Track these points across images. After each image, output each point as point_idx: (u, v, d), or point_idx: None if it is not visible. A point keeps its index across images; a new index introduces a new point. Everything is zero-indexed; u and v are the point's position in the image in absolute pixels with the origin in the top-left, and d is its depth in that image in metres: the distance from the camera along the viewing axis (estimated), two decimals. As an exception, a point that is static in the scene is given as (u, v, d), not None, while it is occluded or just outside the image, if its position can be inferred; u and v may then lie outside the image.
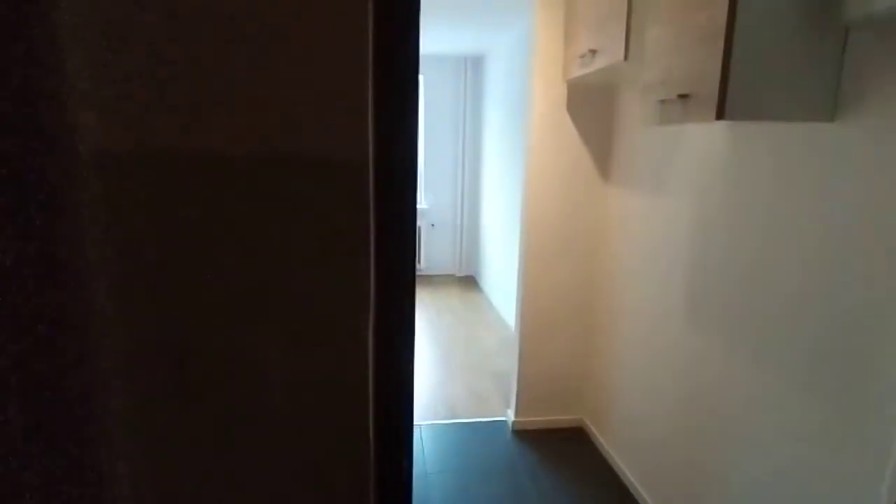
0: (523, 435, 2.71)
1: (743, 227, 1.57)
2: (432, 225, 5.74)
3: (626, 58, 1.74)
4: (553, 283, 2.62)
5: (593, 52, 1.97)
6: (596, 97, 2.45)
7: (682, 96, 1.35)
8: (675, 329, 1.93)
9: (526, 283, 2.61)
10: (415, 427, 2.81)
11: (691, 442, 1.83)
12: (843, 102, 1.25)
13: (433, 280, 5.70)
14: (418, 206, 5.67)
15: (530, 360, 2.70)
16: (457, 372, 3.46)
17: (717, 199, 1.69)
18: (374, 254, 0.48)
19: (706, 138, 1.75)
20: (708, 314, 1.74)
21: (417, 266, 5.68)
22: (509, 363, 3.09)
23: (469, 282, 5.69)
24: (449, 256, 5.87)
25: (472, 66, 5.46)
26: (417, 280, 5.58)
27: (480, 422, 2.84)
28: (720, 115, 1.24)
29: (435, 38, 4.63)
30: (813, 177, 1.34)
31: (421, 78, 5.43)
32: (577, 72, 2.17)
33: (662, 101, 1.45)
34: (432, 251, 5.79)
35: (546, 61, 2.39)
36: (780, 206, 1.43)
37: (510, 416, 2.80)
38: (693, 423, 1.83)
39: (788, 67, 1.23)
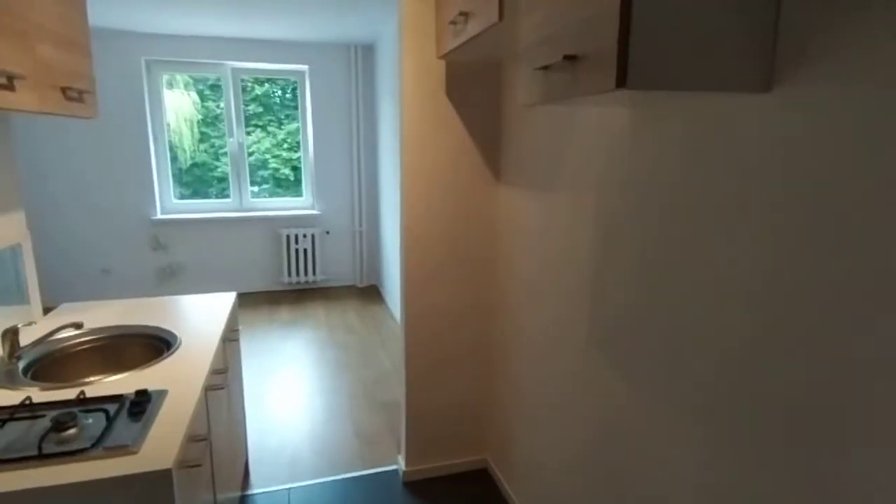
0: (417, 487, 2.26)
1: (653, 230, 1.20)
2: (327, 232, 5.16)
3: (500, 17, 1.32)
4: (441, 302, 2.18)
5: (465, 15, 1.54)
6: (480, 77, 2.03)
7: (570, 58, 0.94)
8: (578, 354, 1.55)
9: (408, 303, 2.15)
10: (283, 491, 2.31)
11: (603, 483, 1.46)
12: (781, 68, 0.89)
13: (330, 292, 5.12)
14: (309, 211, 5.07)
15: (421, 395, 2.24)
16: (344, 405, 2.94)
17: (620, 197, 1.32)
18: None
19: (604, 119, 1.38)
20: (614, 337, 1.37)
21: (311, 277, 5.08)
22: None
23: (371, 293, 5.17)
24: (348, 265, 5.31)
25: (363, 55, 4.94)
26: (311, 293, 5.00)
27: (366, 475, 2.35)
28: (620, 82, 0.83)
29: (319, 24, 4.06)
30: (742, 164, 0.97)
31: (305, 68, 4.83)
32: (451, 43, 1.73)
33: (545, 69, 1.03)
34: (328, 260, 5.21)
35: (418, 34, 1.94)
36: (700, 204, 1.07)
37: (401, 463, 2.33)
38: (604, 461, 1.45)
39: (709, 19, 0.84)
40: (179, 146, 4.86)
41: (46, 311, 1.84)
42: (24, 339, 1.47)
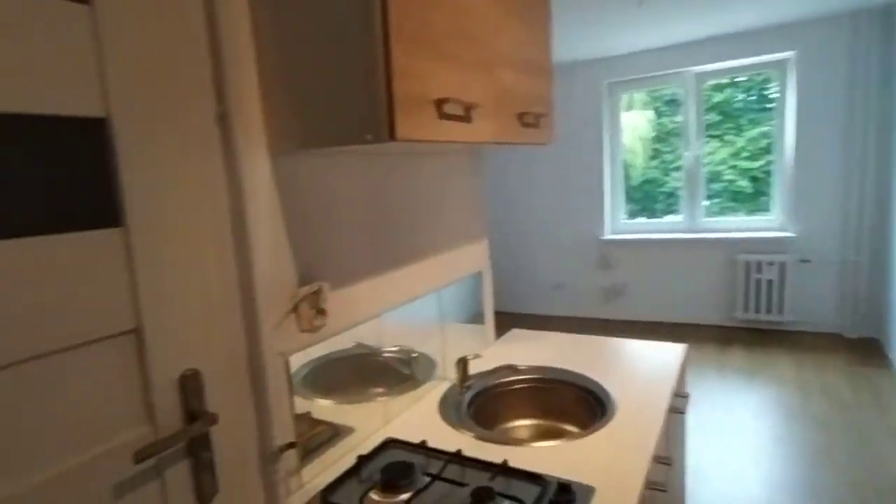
0: None
1: None
2: (804, 260, 4.03)
3: None
4: None
5: None
6: None
7: None
8: None
9: None
10: None
11: None
12: None
13: (801, 339, 3.98)
14: (777, 233, 4.07)
15: None
16: (828, 522, 2.05)
17: None
18: None
19: None
20: None
21: (774, 316, 4.07)
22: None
23: (867, 348, 3.73)
24: (832, 306, 4.01)
25: (878, 23, 3.59)
26: (773, 337, 3.95)
27: None
28: None
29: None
30: None
31: (790, 55, 3.89)
32: None
33: None
34: (802, 297, 4.06)
35: None
36: None
37: None
38: None
39: None
40: (631, 164, 4.77)
41: (506, 318, 1.88)
42: (472, 368, 1.49)
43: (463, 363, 1.45)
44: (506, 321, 1.88)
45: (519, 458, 1.09)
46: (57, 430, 0.69)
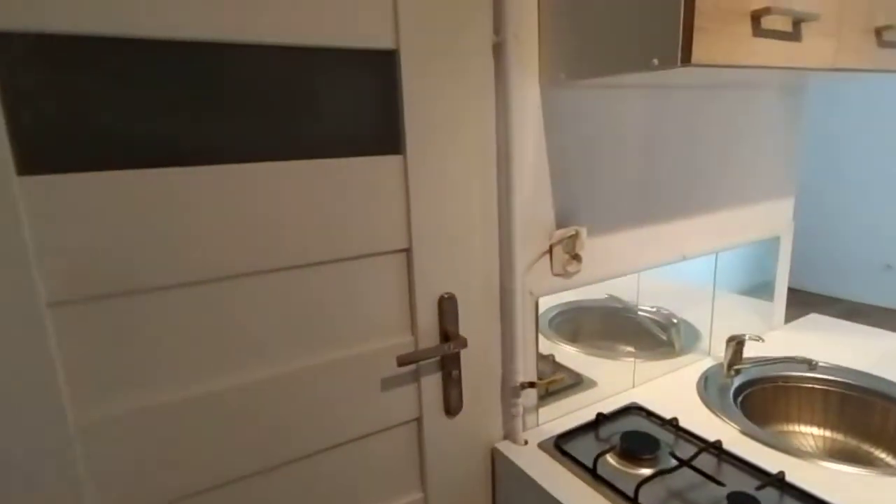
0: None
1: None
2: None
3: None
4: None
5: None
6: None
7: None
8: None
9: None
10: None
11: None
12: None
13: None
14: None
15: None
16: None
17: None
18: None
19: None
20: None
21: None
22: None
23: None
24: None
25: None
26: None
27: None
28: None
29: None
30: None
31: None
32: None
33: None
34: None
35: None
36: None
37: None
38: None
39: None
40: None
41: (802, 298, 1.53)
42: (750, 350, 1.25)
43: (737, 343, 1.22)
44: (801, 302, 1.52)
45: (800, 474, 0.87)
46: (348, 322, 0.82)
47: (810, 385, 1.22)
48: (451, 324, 0.89)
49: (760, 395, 1.23)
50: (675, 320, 1.37)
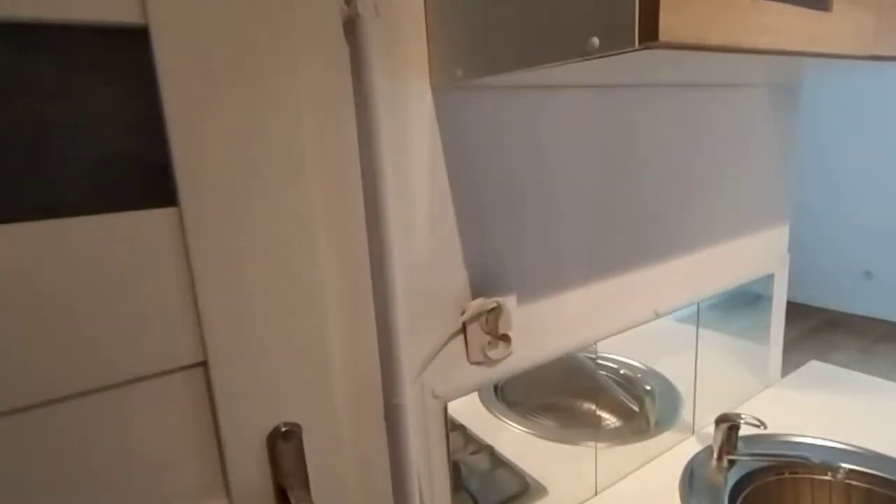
0: None
1: None
2: None
3: None
4: None
5: None
6: None
7: None
8: None
9: None
10: None
11: None
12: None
13: None
14: None
15: None
16: None
17: None
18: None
19: None
20: None
21: None
22: None
23: None
24: None
25: None
26: None
27: None
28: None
29: None
30: None
31: None
32: None
33: None
34: None
35: None
36: None
37: None
38: None
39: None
40: None
41: (789, 309, 1.24)
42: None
43: (730, 427, 0.92)
44: (789, 314, 1.24)
45: None
46: (111, 493, 0.48)
47: (826, 477, 0.93)
48: (294, 472, 0.56)
49: (763, 494, 0.92)
50: (647, 387, 1.07)
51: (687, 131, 0.89)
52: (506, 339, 0.69)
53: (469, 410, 0.99)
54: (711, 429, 0.98)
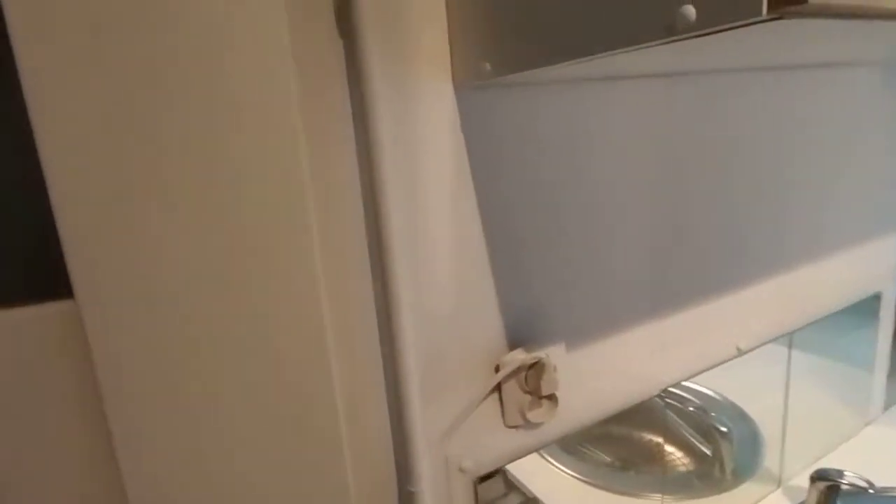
0: None
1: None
2: None
3: None
4: None
5: None
6: None
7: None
8: None
9: None
10: None
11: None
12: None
13: None
14: None
15: None
16: None
17: None
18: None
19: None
20: None
21: None
22: None
23: None
24: None
25: None
26: None
27: None
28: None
29: None
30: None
31: None
32: None
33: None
34: None
35: None
36: None
37: None
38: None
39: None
40: None
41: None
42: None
43: (826, 485, 0.75)
44: None
45: None
46: None
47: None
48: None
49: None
50: (722, 428, 0.90)
51: (784, 125, 0.71)
52: (552, 399, 0.55)
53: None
54: (802, 481, 0.82)
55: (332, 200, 0.43)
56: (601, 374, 0.61)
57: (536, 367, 0.52)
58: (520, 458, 0.58)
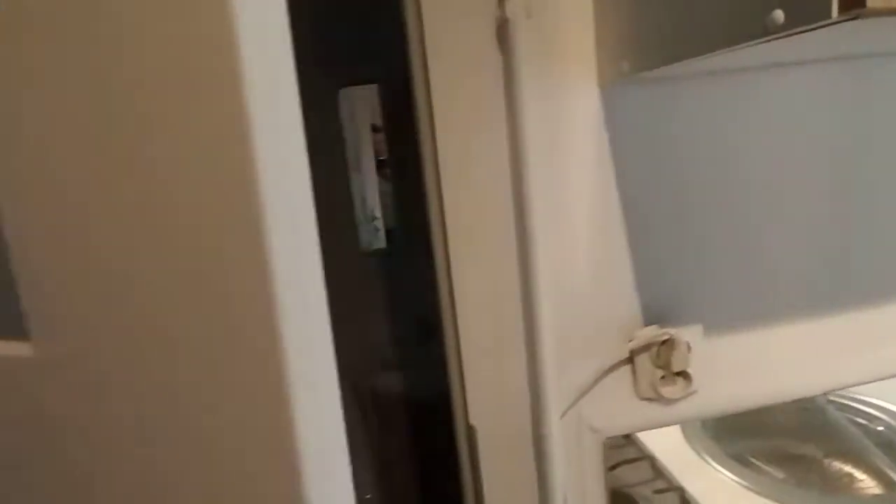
0: None
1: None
2: None
3: None
4: None
5: None
6: None
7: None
8: None
9: None
10: None
11: None
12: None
13: None
14: None
15: None
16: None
17: None
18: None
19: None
20: None
21: None
22: None
23: None
24: None
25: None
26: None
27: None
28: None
29: None
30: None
31: None
32: None
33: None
34: None
35: None
36: None
37: None
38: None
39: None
40: None
41: None
42: None
43: None
44: None
45: None
46: None
47: None
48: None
49: None
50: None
51: None
52: (685, 375, 0.58)
53: (664, 440, 0.87)
54: None
55: (483, 189, 0.53)
56: (746, 363, 0.62)
57: (668, 343, 0.56)
58: (651, 428, 0.62)
